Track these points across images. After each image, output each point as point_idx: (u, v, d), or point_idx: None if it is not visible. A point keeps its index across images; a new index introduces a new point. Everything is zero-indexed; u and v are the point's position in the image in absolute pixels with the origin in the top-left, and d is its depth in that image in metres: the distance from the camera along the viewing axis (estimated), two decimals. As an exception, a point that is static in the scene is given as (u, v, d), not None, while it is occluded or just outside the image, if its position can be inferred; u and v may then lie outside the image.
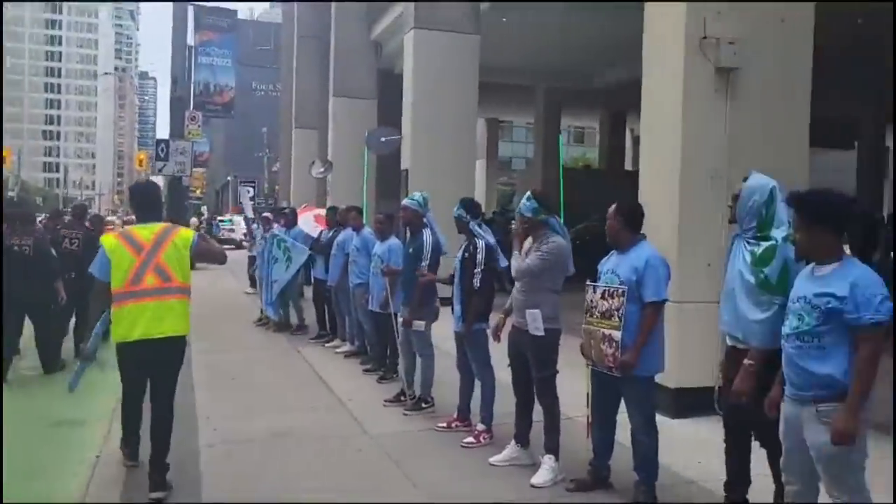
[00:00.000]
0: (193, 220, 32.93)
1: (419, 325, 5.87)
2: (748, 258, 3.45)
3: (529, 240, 4.58)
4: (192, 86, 29.95)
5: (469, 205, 5.36)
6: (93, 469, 4.70)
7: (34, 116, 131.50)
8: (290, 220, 10.21)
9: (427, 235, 5.97)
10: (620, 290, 3.89)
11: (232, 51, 33.13)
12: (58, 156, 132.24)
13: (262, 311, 10.56)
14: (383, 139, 14.33)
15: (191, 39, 28.03)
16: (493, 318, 5.13)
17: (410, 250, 6.04)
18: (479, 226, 5.29)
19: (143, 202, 4.58)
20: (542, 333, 4.40)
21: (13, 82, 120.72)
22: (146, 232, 4.36)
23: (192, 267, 4.64)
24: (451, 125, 13.20)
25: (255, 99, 61.50)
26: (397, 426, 5.66)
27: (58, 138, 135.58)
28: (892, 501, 3.46)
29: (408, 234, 6.52)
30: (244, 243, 23.14)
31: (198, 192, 49.91)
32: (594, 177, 28.79)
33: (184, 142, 12.02)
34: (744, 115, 5.73)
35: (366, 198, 14.96)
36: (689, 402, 5.67)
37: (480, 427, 5.19)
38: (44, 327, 7.52)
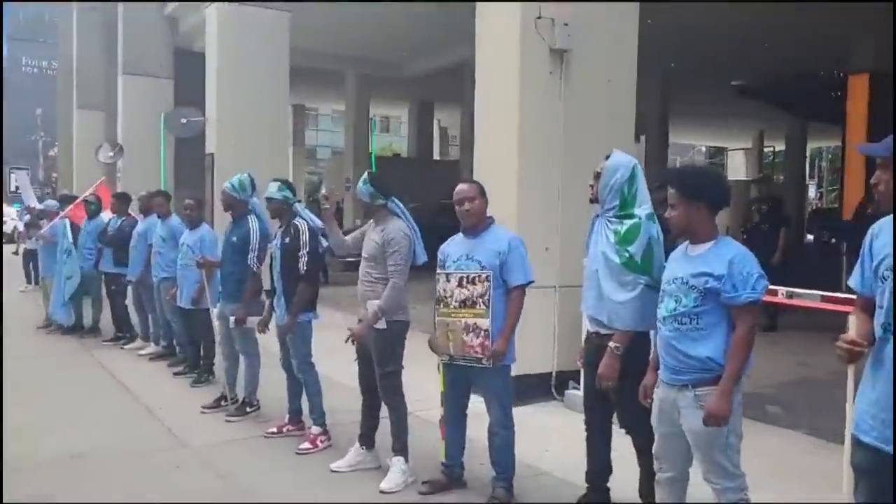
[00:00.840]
0: (-47, 210, 28.86)
1: (254, 321, 5.27)
2: (611, 237, 3.32)
3: (371, 223, 4.20)
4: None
5: (290, 186, 4.91)
6: None
7: None
8: (94, 210, 8.76)
9: (253, 222, 5.39)
10: (484, 276, 3.62)
11: (-1, 15, 29.11)
12: None
13: (46, 316, 9.23)
14: (184, 121, 13.19)
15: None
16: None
17: (234, 239, 5.42)
18: (303, 209, 4.86)
19: None
20: (383, 326, 4.04)
21: None
22: None
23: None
24: (260, 107, 12.39)
25: (26, 77, 55.31)
26: (220, 435, 5.04)
27: None
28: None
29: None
30: (19, 234, 20.60)
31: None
32: (404, 165, 28.93)
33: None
34: (576, 97, 5.72)
35: (164, 184, 13.73)
36: (527, 389, 5.60)
37: (315, 430, 4.73)
38: None
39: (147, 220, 7.75)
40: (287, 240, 4.72)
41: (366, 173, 4.25)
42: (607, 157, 3.45)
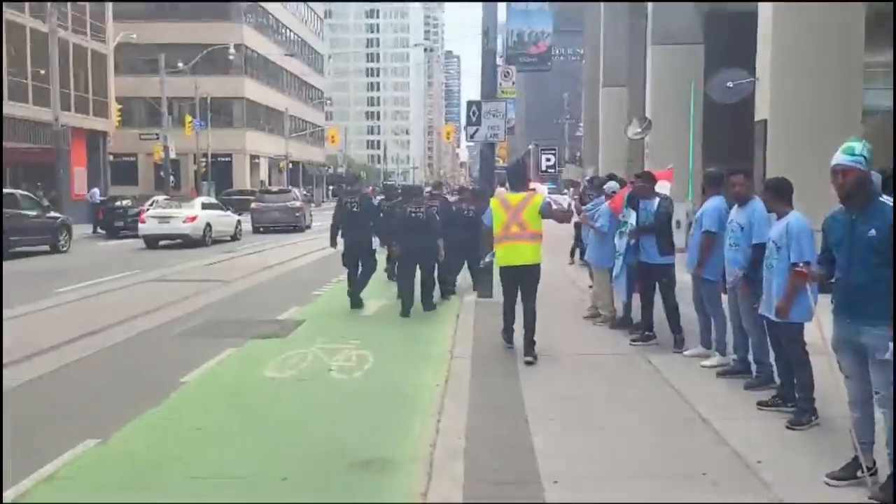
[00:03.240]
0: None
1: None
2: None
3: None
4: (504, 38, 28.39)
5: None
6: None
7: (358, 99, 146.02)
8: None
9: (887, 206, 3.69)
10: None
11: (548, -10, 31.17)
12: (378, 133, 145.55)
13: (592, 303, 8.76)
14: (730, 84, 11.64)
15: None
16: None
17: (872, 233, 3.70)
18: None
19: (514, 176, 7.28)
20: None
21: (340, 70, 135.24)
22: (514, 198, 6.85)
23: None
24: (825, 64, 10.08)
25: (554, 65, 60.29)
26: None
27: (378, 118, 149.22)
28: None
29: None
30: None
31: (501, 161, 49.97)
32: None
33: (497, 102, 10.50)
34: None
35: (692, 158, 12.30)
36: None
37: None
38: (428, 272, 9.69)
39: (711, 200, 6.43)
40: None
41: None
42: None
